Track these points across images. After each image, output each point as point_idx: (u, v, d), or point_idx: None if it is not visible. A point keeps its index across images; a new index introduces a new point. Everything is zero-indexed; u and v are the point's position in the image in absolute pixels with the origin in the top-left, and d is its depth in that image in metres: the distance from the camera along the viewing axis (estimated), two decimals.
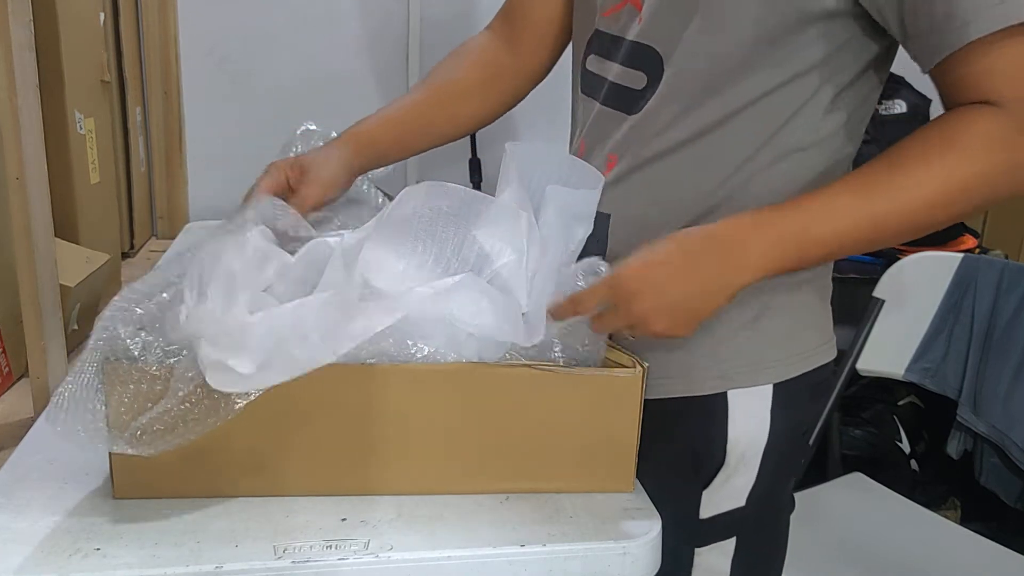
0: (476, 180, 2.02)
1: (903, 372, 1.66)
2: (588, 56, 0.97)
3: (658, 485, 0.86)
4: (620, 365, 0.84)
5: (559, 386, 0.81)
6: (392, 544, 0.76)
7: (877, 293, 1.62)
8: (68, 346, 1.17)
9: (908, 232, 0.80)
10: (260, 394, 0.74)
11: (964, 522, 1.68)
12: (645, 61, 0.87)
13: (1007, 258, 1.85)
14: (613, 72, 0.92)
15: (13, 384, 1.22)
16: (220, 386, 0.72)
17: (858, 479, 1.69)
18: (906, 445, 2.01)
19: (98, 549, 0.73)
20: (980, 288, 1.61)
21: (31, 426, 0.94)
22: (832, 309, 0.95)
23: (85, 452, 0.85)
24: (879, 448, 1.98)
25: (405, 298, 0.78)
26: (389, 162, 1.03)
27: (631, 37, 0.89)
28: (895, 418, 2.03)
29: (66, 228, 1.36)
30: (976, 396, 1.61)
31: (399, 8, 1.96)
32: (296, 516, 0.79)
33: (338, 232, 0.90)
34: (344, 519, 0.79)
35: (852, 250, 0.81)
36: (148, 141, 1.89)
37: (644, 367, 0.82)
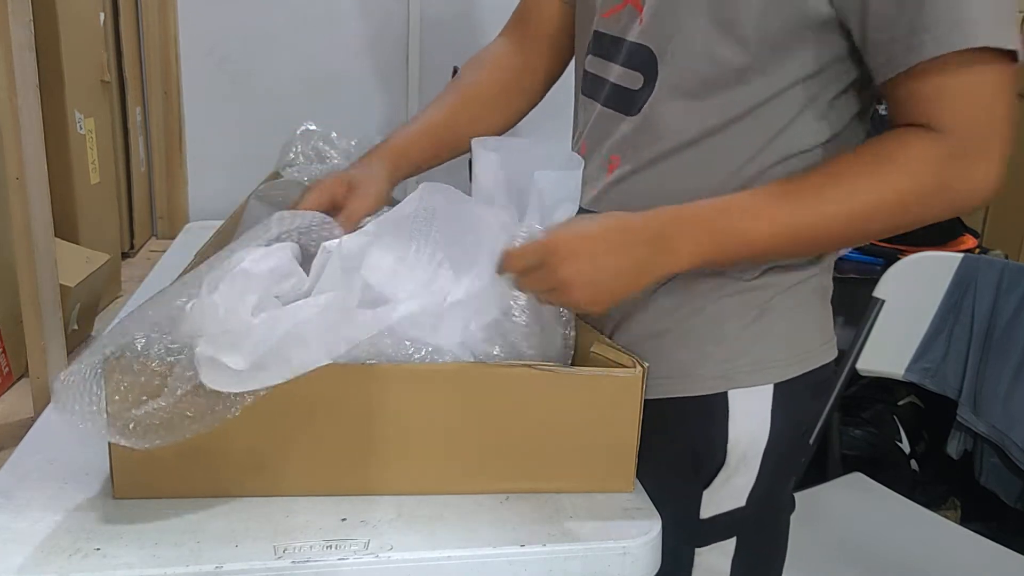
0: None
1: (903, 372, 1.66)
2: (587, 57, 0.97)
3: (658, 485, 0.87)
4: (620, 365, 0.84)
5: (559, 386, 0.82)
6: (392, 544, 0.76)
7: (877, 293, 1.62)
8: (68, 346, 1.17)
9: (831, 242, 0.83)
10: (259, 395, 0.74)
11: (964, 522, 1.67)
12: (642, 61, 0.87)
13: (1007, 258, 1.85)
14: (614, 73, 0.92)
15: (13, 384, 1.22)
16: (213, 383, 0.72)
17: (858, 479, 1.69)
18: (906, 445, 2.01)
19: (98, 549, 0.73)
20: (980, 288, 1.61)
21: (31, 426, 0.94)
22: (832, 309, 0.95)
23: (85, 452, 0.86)
24: (879, 448, 1.98)
25: (402, 304, 0.79)
26: (421, 171, 1.05)
27: (631, 38, 0.89)
28: (895, 418, 2.03)
29: (66, 228, 1.36)
30: (976, 396, 1.61)
31: (399, 8, 1.96)
32: (296, 516, 0.79)
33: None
34: (344, 519, 0.79)
35: (778, 254, 0.84)
36: (148, 141, 1.88)
37: (644, 367, 0.82)
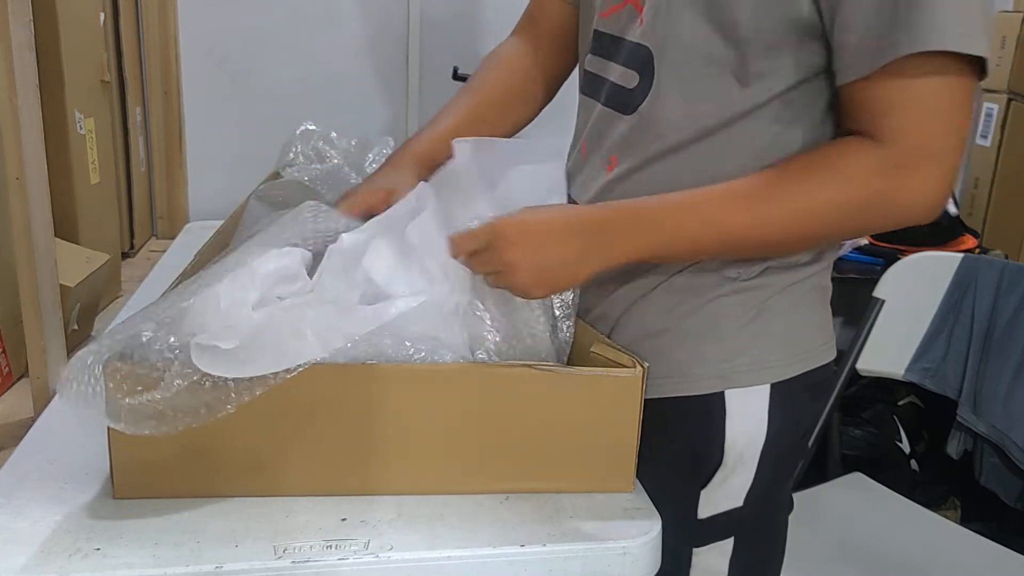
0: None
1: (903, 372, 1.66)
2: (587, 56, 0.97)
3: (657, 485, 0.87)
4: (620, 365, 0.84)
5: (559, 386, 0.82)
6: (392, 544, 0.76)
7: (877, 293, 1.62)
8: (68, 346, 1.17)
9: (763, 247, 0.84)
10: (254, 396, 0.74)
11: (964, 522, 1.67)
12: (640, 61, 0.88)
13: (1007, 258, 1.85)
14: (613, 73, 0.92)
15: (13, 384, 1.22)
16: (207, 367, 0.72)
17: (858, 479, 1.69)
18: (906, 445, 2.01)
19: (98, 549, 0.73)
20: (980, 288, 1.61)
21: (31, 426, 0.94)
22: (832, 309, 0.95)
23: (85, 452, 0.86)
24: (879, 448, 1.98)
25: (401, 300, 0.79)
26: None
27: (630, 37, 0.89)
28: (895, 418, 2.03)
29: (66, 228, 1.36)
30: (976, 396, 1.61)
31: (399, 8, 1.96)
32: (296, 516, 0.79)
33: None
34: (344, 519, 0.79)
35: (716, 253, 0.85)
36: (148, 141, 1.89)
37: (644, 367, 0.82)
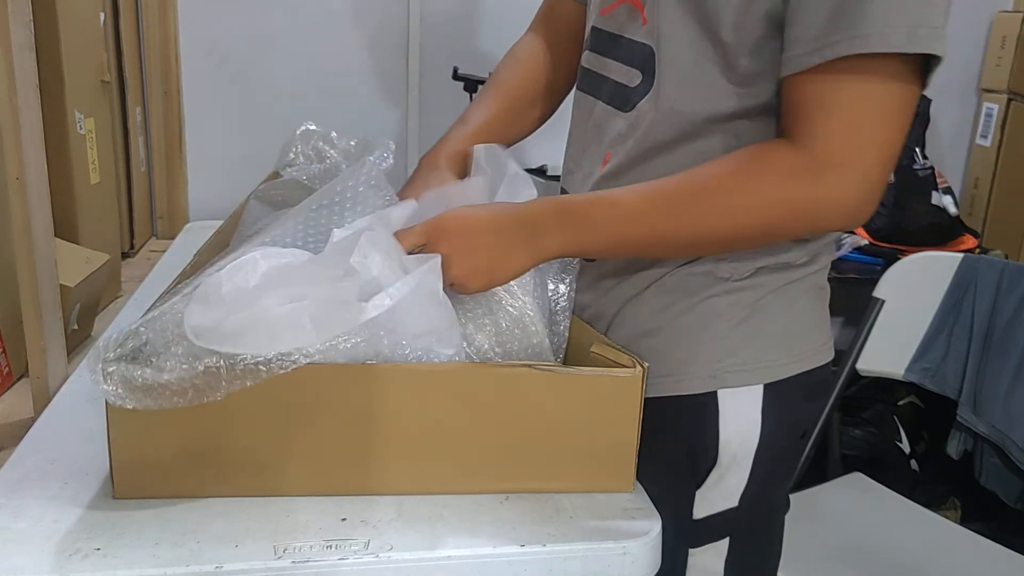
0: None
1: (903, 372, 1.66)
2: (584, 53, 0.97)
3: (653, 485, 0.86)
4: (620, 365, 0.84)
5: (559, 386, 0.82)
6: (392, 544, 0.76)
7: (877, 293, 1.62)
8: (68, 346, 1.17)
9: (687, 249, 0.86)
10: (244, 387, 0.74)
11: (964, 522, 1.68)
12: (642, 60, 0.88)
13: (1007, 258, 1.85)
14: (611, 70, 0.92)
15: (13, 384, 1.22)
16: (195, 334, 0.73)
17: (858, 479, 1.70)
18: (906, 445, 2.01)
19: (98, 549, 0.73)
20: (980, 288, 1.61)
21: (31, 426, 0.94)
22: (832, 309, 0.95)
23: (85, 452, 0.86)
24: (879, 448, 1.98)
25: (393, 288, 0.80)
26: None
27: (629, 35, 0.89)
28: (895, 418, 2.03)
29: (66, 228, 1.36)
30: (976, 396, 1.61)
31: (399, 8, 1.96)
32: (296, 516, 0.79)
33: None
34: (344, 519, 0.79)
35: (637, 250, 0.86)
36: (148, 141, 1.89)
37: (644, 367, 0.82)
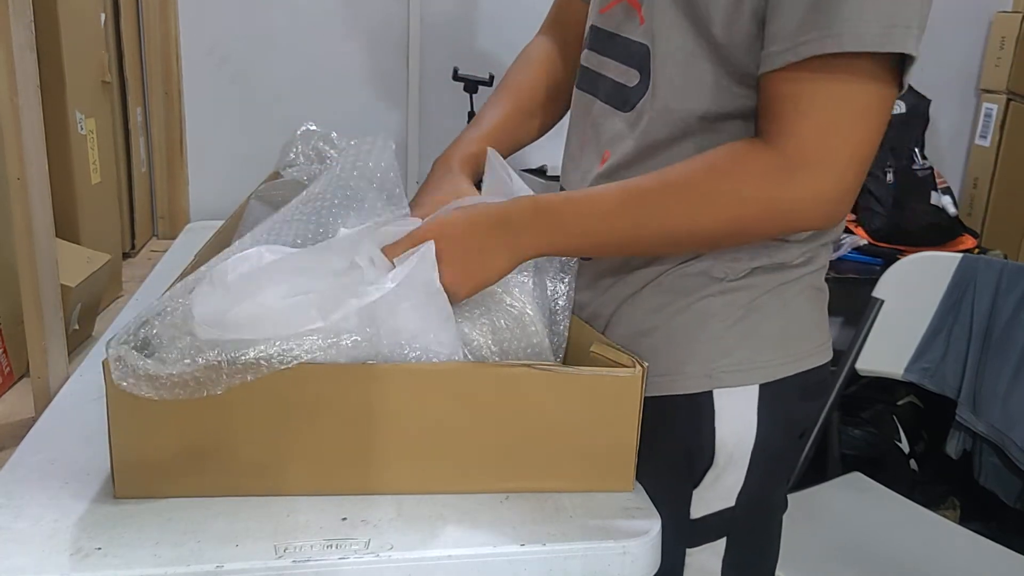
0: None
1: (902, 372, 1.67)
2: (584, 51, 0.97)
3: (650, 484, 0.86)
4: (620, 365, 0.84)
5: (559, 386, 0.82)
6: (392, 543, 0.76)
7: (876, 293, 1.62)
8: (69, 346, 1.17)
9: (662, 247, 0.86)
10: (245, 381, 0.74)
11: (963, 522, 1.68)
12: (640, 59, 0.88)
13: (1006, 258, 1.85)
14: (609, 69, 0.92)
15: (14, 384, 1.22)
16: (200, 313, 0.74)
17: (857, 479, 1.70)
18: (905, 445, 2.01)
19: (99, 549, 0.73)
20: (979, 288, 1.61)
21: (32, 426, 0.94)
22: (831, 309, 0.95)
23: (86, 452, 0.86)
24: (878, 448, 1.98)
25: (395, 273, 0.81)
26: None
27: (626, 34, 0.89)
28: (894, 418, 2.03)
29: (67, 228, 1.36)
30: (975, 396, 1.62)
31: (399, 8, 1.96)
32: (297, 515, 0.79)
33: None
34: (344, 518, 0.79)
35: (614, 249, 0.87)
36: (149, 141, 1.89)
37: (644, 367, 0.82)
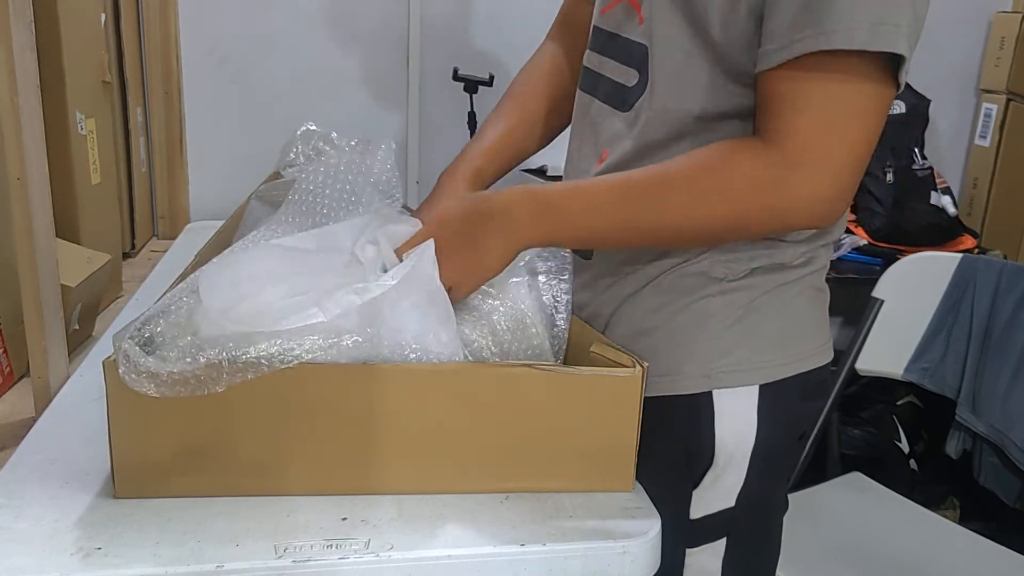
0: None
1: (902, 372, 1.67)
2: (586, 52, 0.97)
3: (650, 484, 0.86)
4: (620, 365, 0.84)
5: (559, 386, 0.82)
6: (392, 543, 0.76)
7: (876, 293, 1.63)
8: (69, 346, 1.17)
9: (656, 241, 0.86)
10: (246, 379, 0.75)
11: (963, 522, 1.68)
12: (639, 59, 0.88)
13: (1006, 258, 1.85)
14: (609, 69, 0.92)
15: (14, 384, 1.22)
16: (207, 296, 0.75)
17: (857, 479, 1.70)
18: (905, 445, 2.01)
19: (99, 548, 0.73)
20: (979, 288, 1.61)
21: (32, 426, 0.94)
22: (831, 309, 0.95)
23: (86, 452, 0.86)
24: (878, 448, 1.98)
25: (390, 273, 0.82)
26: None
27: (626, 34, 0.89)
28: (894, 418, 2.03)
29: (67, 228, 1.36)
30: (975, 396, 1.62)
31: (399, 8, 1.96)
32: (297, 515, 0.79)
33: None
34: (345, 518, 0.79)
35: (609, 242, 0.88)
36: (149, 141, 1.89)
37: (644, 367, 0.83)
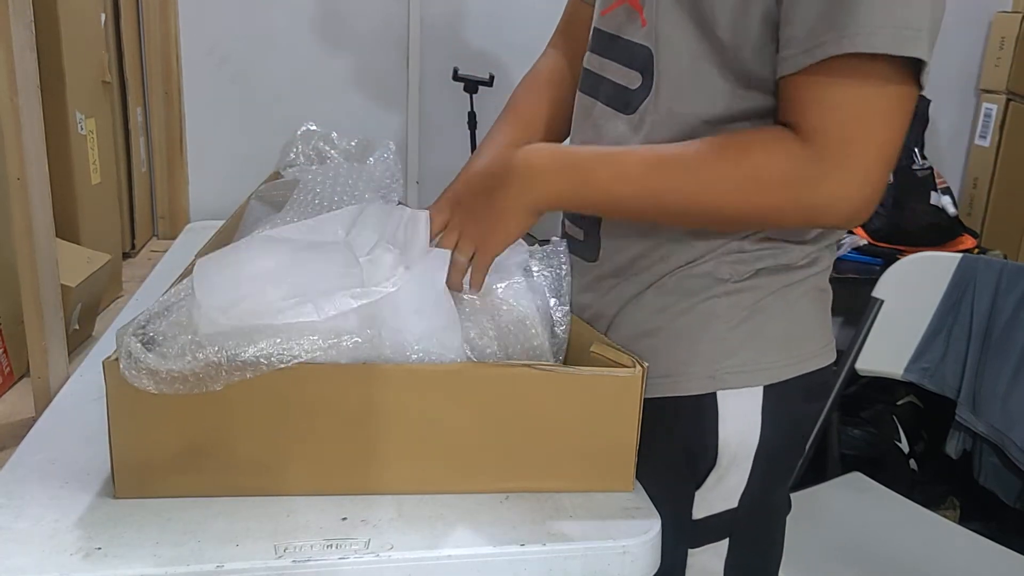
0: None
1: (902, 372, 1.67)
2: (586, 54, 0.97)
3: (652, 485, 0.86)
4: (620, 365, 0.84)
5: (559, 386, 0.82)
6: (392, 543, 0.76)
7: (876, 293, 1.63)
8: (69, 346, 1.17)
9: (682, 219, 0.85)
10: (244, 378, 0.75)
11: (963, 522, 1.68)
12: (642, 62, 0.88)
13: (1006, 258, 1.85)
14: (610, 71, 0.92)
15: (14, 384, 1.22)
16: (204, 294, 0.75)
17: (857, 479, 1.70)
18: (905, 445, 2.01)
19: (99, 548, 0.73)
20: (979, 288, 1.61)
21: (32, 426, 0.94)
22: (831, 309, 0.94)
23: (86, 452, 0.86)
24: (878, 448, 1.98)
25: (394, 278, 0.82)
26: None
27: (628, 36, 0.89)
28: (894, 418, 2.03)
29: (67, 228, 1.36)
30: (975, 396, 1.62)
31: (399, 8, 1.96)
32: (297, 515, 0.79)
33: None
34: (345, 518, 0.79)
35: (630, 211, 0.86)
36: (149, 141, 1.89)
37: (644, 367, 0.83)
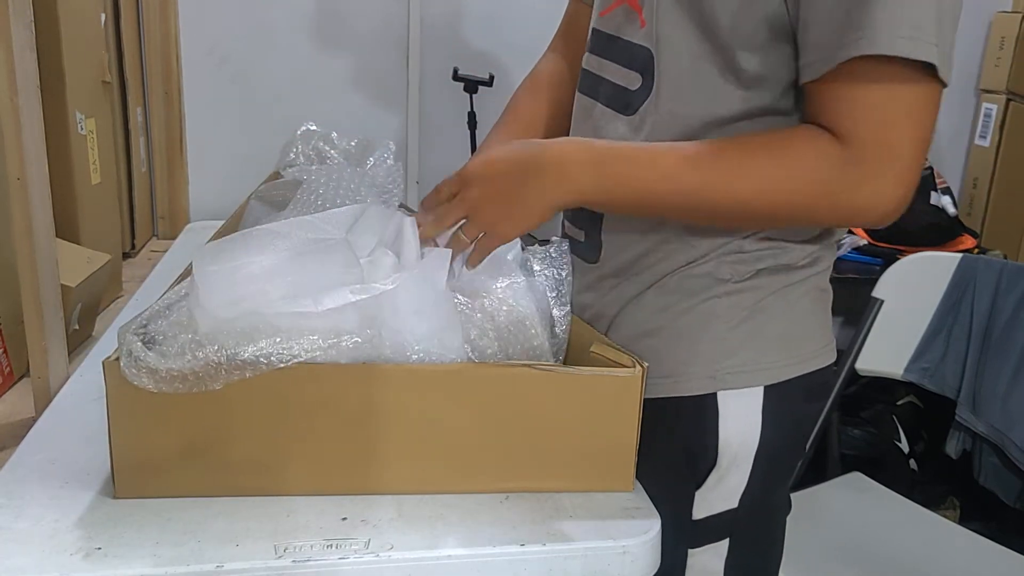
0: None
1: (902, 372, 1.67)
2: (585, 55, 0.97)
3: (653, 485, 0.86)
4: (620, 365, 0.84)
5: (559, 386, 0.82)
6: (392, 543, 0.76)
7: (876, 293, 1.63)
8: (69, 346, 1.17)
9: (708, 213, 0.83)
10: (244, 377, 0.75)
11: (963, 522, 1.68)
12: (642, 63, 0.88)
13: (1006, 258, 1.85)
14: (610, 72, 0.92)
15: (14, 384, 1.22)
16: (202, 284, 0.75)
17: (857, 479, 1.70)
18: (905, 445, 2.01)
19: (99, 548, 0.73)
20: (979, 288, 1.61)
21: (32, 426, 0.94)
22: (832, 309, 0.95)
23: (86, 452, 0.86)
24: (878, 448, 1.98)
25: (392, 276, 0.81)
26: None
27: (627, 37, 0.89)
28: (894, 418, 2.03)
29: (67, 228, 1.36)
30: (975, 396, 1.62)
31: (399, 8, 1.96)
32: (297, 515, 0.79)
33: None
34: (344, 518, 0.79)
35: (663, 208, 0.84)
36: (149, 141, 1.89)
37: (644, 367, 0.83)
